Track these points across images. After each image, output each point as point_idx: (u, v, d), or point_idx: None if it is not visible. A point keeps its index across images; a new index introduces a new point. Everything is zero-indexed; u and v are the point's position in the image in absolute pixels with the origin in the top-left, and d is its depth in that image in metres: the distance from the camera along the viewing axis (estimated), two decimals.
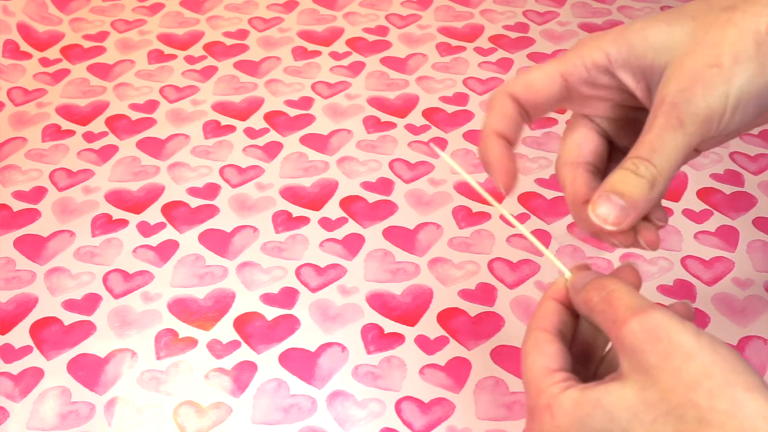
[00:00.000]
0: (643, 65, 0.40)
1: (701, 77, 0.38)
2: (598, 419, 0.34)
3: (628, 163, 0.39)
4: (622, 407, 0.33)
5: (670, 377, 0.33)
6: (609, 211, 0.39)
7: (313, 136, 0.72)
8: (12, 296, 0.59)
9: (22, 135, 0.73)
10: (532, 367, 0.37)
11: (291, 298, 0.58)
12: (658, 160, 0.38)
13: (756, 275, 0.59)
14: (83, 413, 0.52)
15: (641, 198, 0.38)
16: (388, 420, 0.51)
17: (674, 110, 0.38)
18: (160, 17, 0.87)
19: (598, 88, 0.42)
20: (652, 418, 0.32)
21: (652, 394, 0.33)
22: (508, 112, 0.43)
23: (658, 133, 0.38)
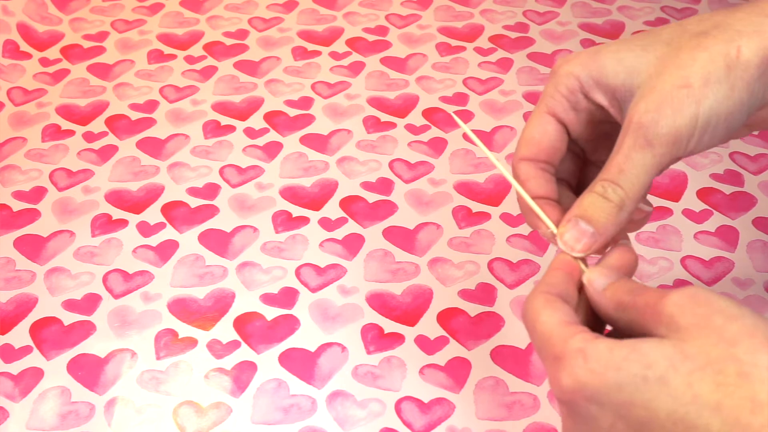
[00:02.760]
0: (614, 85, 0.41)
1: (670, 98, 0.38)
2: (635, 364, 0.32)
3: (597, 187, 0.39)
4: (660, 355, 0.32)
5: (711, 333, 0.32)
6: (577, 238, 0.39)
7: (313, 136, 0.72)
8: (12, 296, 0.59)
9: (22, 135, 0.73)
10: (549, 321, 0.36)
11: (291, 298, 0.58)
12: (626, 182, 0.39)
13: (756, 275, 0.59)
14: (83, 413, 0.52)
15: (609, 223, 0.39)
16: (388, 420, 0.51)
17: (642, 131, 0.38)
18: (159, 17, 0.87)
19: (580, 111, 0.42)
20: (689, 368, 0.32)
21: (691, 346, 0.32)
22: (532, 174, 0.43)
23: (626, 153, 0.39)
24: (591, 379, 0.33)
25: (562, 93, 0.42)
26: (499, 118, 0.73)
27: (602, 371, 0.33)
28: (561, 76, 0.42)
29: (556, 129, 0.42)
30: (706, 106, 0.38)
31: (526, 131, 0.43)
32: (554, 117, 0.42)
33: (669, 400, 0.32)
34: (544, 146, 0.42)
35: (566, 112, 0.42)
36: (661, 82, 0.39)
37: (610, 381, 0.33)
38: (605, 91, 0.41)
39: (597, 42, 0.81)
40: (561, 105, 0.42)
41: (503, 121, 0.72)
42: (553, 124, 0.42)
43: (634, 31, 0.83)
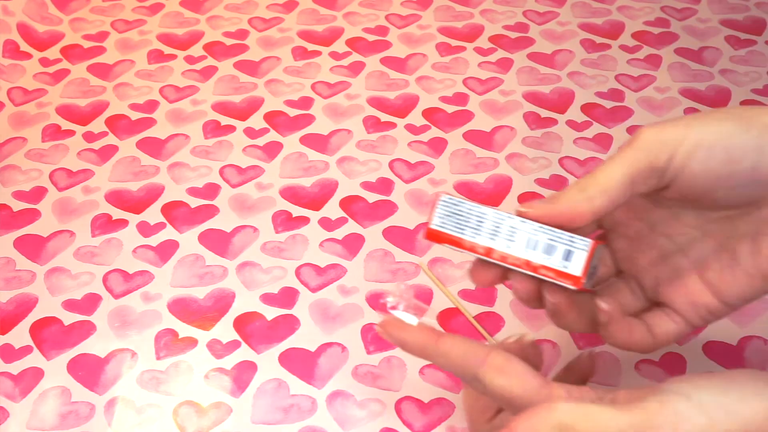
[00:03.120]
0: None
1: (673, 120, 0.39)
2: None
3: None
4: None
5: None
6: (531, 203, 0.40)
7: (313, 136, 0.72)
8: (12, 296, 0.59)
9: (22, 135, 0.73)
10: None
11: (291, 298, 0.58)
12: (598, 170, 0.39)
13: None
14: (83, 413, 0.52)
15: (565, 197, 0.39)
16: (388, 420, 0.51)
17: (633, 135, 0.39)
18: (160, 17, 0.87)
19: None
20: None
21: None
22: None
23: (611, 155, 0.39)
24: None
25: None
26: (499, 118, 0.73)
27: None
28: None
29: None
30: (704, 122, 0.38)
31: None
32: None
33: None
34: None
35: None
36: None
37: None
38: None
39: (597, 42, 0.81)
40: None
41: (503, 121, 0.72)
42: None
43: (633, 32, 0.83)
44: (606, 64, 0.78)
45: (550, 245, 0.39)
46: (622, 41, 0.82)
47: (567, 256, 0.39)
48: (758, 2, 0.87)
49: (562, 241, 0.39)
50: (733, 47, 0.80)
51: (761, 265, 0.39)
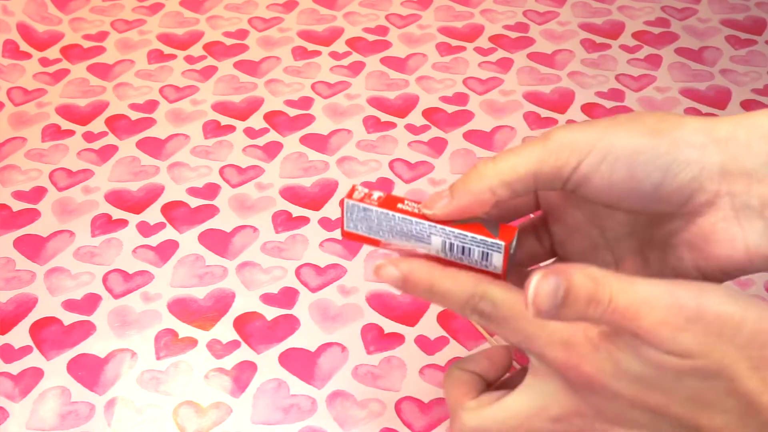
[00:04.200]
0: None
1: (589, 122, 0.38)
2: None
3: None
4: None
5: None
6: (431, 200, 0.40)
7: (313, 136, 0.72)
8: (12, 296, 0.59)
9: (22, 135, 0.73)
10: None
11: (291, 298, 0.58)
12: (502, 157, 0.38)
13: (757, 275, 0.59)
14: (83, 413, 0.52)
15: (464, 186, 0.38)
16: (388, 420, 0.51)
17: (548, 131, 0.38)
18: (159, 17, 0.87)
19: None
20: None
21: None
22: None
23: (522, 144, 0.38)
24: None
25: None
26: (500, 118, 0.73)
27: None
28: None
29: None
30: (616, 131, 0.37)
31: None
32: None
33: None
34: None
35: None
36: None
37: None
38: None
39: (597, 42, 0.81)
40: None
41: (503, 121, 0.72)
42: None
43: (633, 32, 0.83)
44: (606, 64, 0.78)
45: (466, 248, 0.39)
46: (622, 41, 0.82)
47: (484, 257, 0.39)
48: (758, 2, 0.87)
49: (476, 245, 0.39)
50: (733, 47, 0.80)
51: (664, 272, 0.39)
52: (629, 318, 0.32)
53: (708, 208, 0.36)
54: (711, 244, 0.37)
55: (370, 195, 0.41)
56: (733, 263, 0.37)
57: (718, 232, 0.36)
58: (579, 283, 0.33)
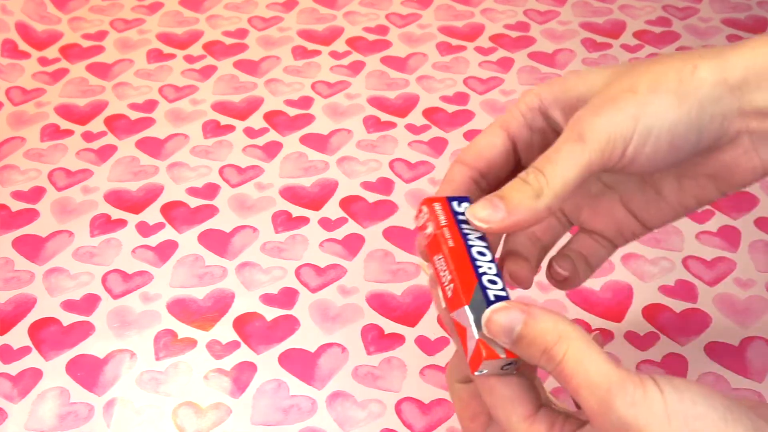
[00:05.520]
0: (572, 100, 0.40)
1: (613, 99, 0.38)
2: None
3: (522, 173, 0.38)
4: None
5: None
6: (483, 210, 0.38)
7: (312, 136, 0.71)
8: (11, 296, 0.59)
9: (21, 135, 0.73)
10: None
11: (291, 299, 0.58)
12: (550, 170, 0.37)
13: (758, 275, 0.58)
14: (82, 414, 0.52)
15: (522, 205, 0.37)
16: (388, 421, 0.51)
17: (577, 125, 0.38)
18: (159, 16, 0.87)
19: (535, 131, 0.42)
20: None
21: None
22: (456, 177, 0.42)
23: (557, 146, 0.38)
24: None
25: (521, 110, 0.42)
26: None
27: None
28: (526, 95, 0.42)
29: (504, 143, 0.42)
30: (648, 111, 0.37)
31: (475, 139, 0.42)
32: (506, 131, 0.42)
33: None
34: (484, 155, 0.42)
35: (519, 129, 0.42)
36: (610, 87, 0.39)
37: None
38: (564, 107, 0.41)
39: (598, 41, 0.81)
40: (516, 121, 0.42)
41: None
42: (501, 138, 0.42)
43: (635, 31, 0.83)
44: (607, 63, 0.78)
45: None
46: (623, 40, 0.81)
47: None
48: (760, 1, 0.86)
49: None
50: None
51: (684, 201, 0.42)
52: (571, 390, 0.34)
53: (729, 146, 0.39)
54: (733, 175, 0.40)
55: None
56: (751, 182, 0.40)
57: (740, 164, 0.39)
58: (542, 332, 0.34)
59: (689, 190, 0.42)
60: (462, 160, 0.42)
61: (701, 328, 0.55)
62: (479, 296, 0.37)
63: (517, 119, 0.42)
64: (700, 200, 0.42)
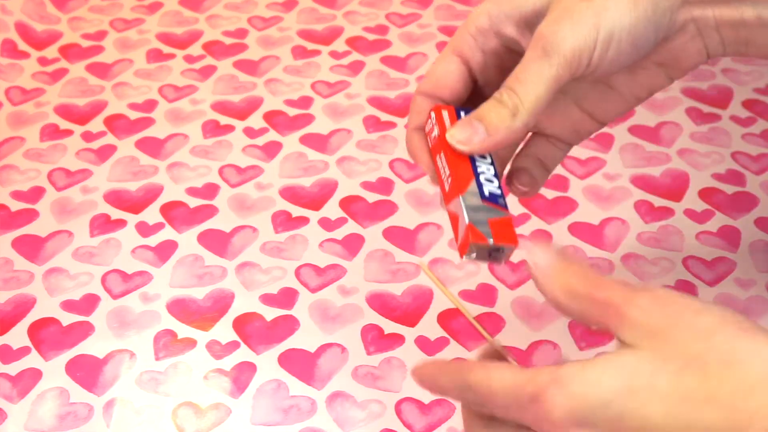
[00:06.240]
0: (526, 13, 0.42)
1: (571, 10, 0.39)
2: (616, 377, 0.32)
3: (495, 93, 0.40)
4: (641, 364, 0.32)
5: (684, 331, 0.32)
6: (464, 133, 0.40)
7: (312, 136, 0.71)
8: (10, 297, 0.59)
9: (20, 134, 0.73)
10: (504, 375, 0.35)
11: (290, 299, 0.58)
12: (521, 89, 0.39)
13: (758, 276, 0.58)
14: (82, 414, 0.51)
15: (501, 125, 0.39)
16: (388, 421, 0.51)
17: (540, 41, 0.39)
18: (158, 16, 0.87)
19: (488, 53, 0.43)
20: (674, 368, 0.31)
21: (669, 348, 0.31)
22: (422, 108, 0.43)
23: (524, 64, 0.39)
24: (574, 403, 0.32)
25: (471, 33, 0.43)
26: None
27: (583, 392, 0.32)
28: (472, 15, 0.43)
29: (459, 69, 0.43)
30: (607, 17, 0.39)
31: (431, 68, 0.44)
32: (459, 57, 0.43)
33: (661, 405, 0.31)
34: (442, 84, 0.43)
35: (472, 53, 0.43)
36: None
37: (593, 400, 0.32)
38: (517, 21, 0.42)
39: None
40: (468, 45, 0.43)
41: None
42: (456, 64, 0.43)
43: None
44: None
45: None
46: None
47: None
48: None
49: None
50: None
51: (634, 91, 0.44)
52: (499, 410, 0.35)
53: (678, 34, 0.42)
54: (681, 61, 0.43)
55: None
56: (697, 65, 0.44)
57: (687, 50, 0.43)
58: (448, 382, 0.37)
59: (640, 80, 0.44)
60: (423, 91, 0.43)
61: None
62: (473, 188, 0.39)
63: (468, 43, 0.43)
64: (650, 89, 0.44)
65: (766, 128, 0.71)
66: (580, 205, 0.64)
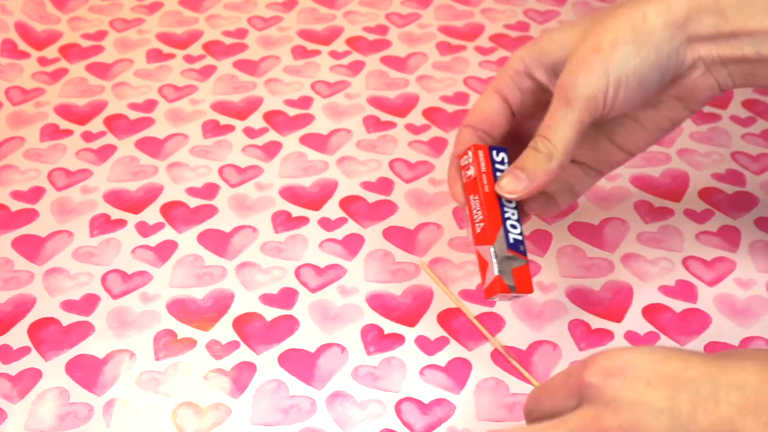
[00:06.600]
0: (551, 61, 0.48)
1: (584, 60, 0.45)
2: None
3: (531, 142, 0.47)
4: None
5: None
6: (509, 182, 0.47)
7: (312, 136, 0.71)
8: (10, 297, 0.59)
9: (20, 135, 0.73)
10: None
11: (290, 299, 0.58)
12: (553, 135, 0.46)
13: (758, 275, 0.58)
14: (82, 414, 0.51)
15: (539, 170, 0.46)
16: (388, 421, 0.51)
17: (562, 91, 0.46)
18: (158, 16, 0.87)
19: (525, 92, 0.50)
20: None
21: None
22: (466, 138, 0.51)
23: (552, 112, 0.46)
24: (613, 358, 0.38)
25: (509, 75, 0.50)
26: None
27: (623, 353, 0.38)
28: (511, 60, 0.50)
29: (500, 105, 0.50)
30: (614, 63, 0.45)
31: (475, 104, 0.51)
32: (499, 95, 0.50)
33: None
34: (485, 117, 0.50)
35: (511, 91, 0.50)
36: (580, 49, 0.46)
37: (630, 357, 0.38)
38: (546, 68, 0.48)
39: None
40: (507, 85, 0.50)
41: None
42: (497, 101, 0.50)
43: None
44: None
45: None
46: None
47: None
48: None
49: None
50: None
51: (658, 123, 0.50)
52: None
53: (688, 72, 0.47)
54: (696, 94, 0.48)
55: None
56: (712, 98, 0.49)
57: (699, 85, 0.48)
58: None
59: (662, 113, 0.49)
60: (468, 123, 0.50)
61: (701, 328, 0.55)
62: (501, 237, 0.47)
63: (507, 83, 0.50)
64: (672, 121, 0.50)
65: (766, 128, 0.71)
66: (580, 205, 0.64)
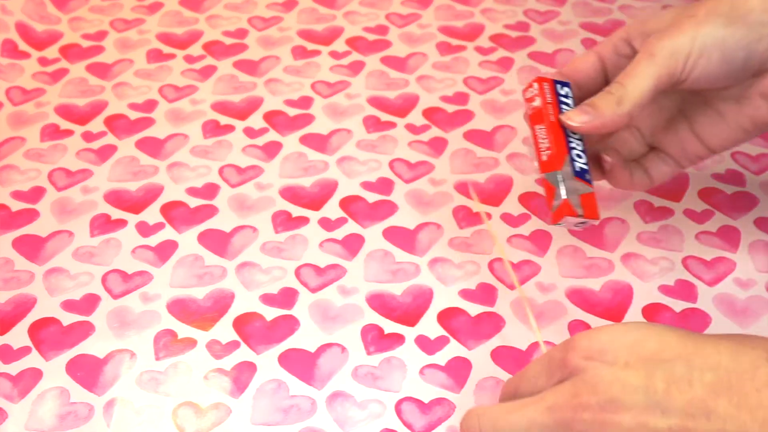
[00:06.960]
0: (649, 30, 0.50)
1: (677, 24, 0.48)
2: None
3: (606, 87, 0.49)
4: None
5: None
6: (575, 113, 0.49)
7: (312, 136, 0.71)
8: (10, 297, 0.59)
9: (21, 135, 0.73)
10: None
11: (290, 299, 0.58)
12: (629, 82, 0.48)
13: (758, 276, 0.58)
14: (82, 414, 0.52)
15: (608, 109, 0.48)
16: (388, 421, 0.51)
17: (648, 45, 0.48)
18: (159, 16, 0.87)
19: (621, 56, 0.52)
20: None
21: None
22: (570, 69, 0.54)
23: (634, 63, 0.49)
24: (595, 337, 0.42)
25: (612, 40, 0.53)
26: (500, 117, 0.73)
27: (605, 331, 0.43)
28: (618, 30, 0.53)
29: (595, 62, 0.53)
30: (703, 30, 0.47)
31: (572, 60, 0.54)
32: (598, 56, 0.53)
33: None
34: (579, 69, 0.53)
35: (608, 54, 0.53)
36: (677, 15, 0.49)
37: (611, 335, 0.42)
38: (643, 36, 0.51)
39: (598, 41, 0.81)
40: (606, 48, 0.53)
41: (504, 120, 0.72)
42: (594, 58, 0.53)
43: None
44: None
45: None
46: None
47: None
48: None
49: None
50: None
51: (740, 121, 0.51)
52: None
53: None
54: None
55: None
56: None
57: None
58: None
59: (746, 110, 0.50)
60: (561, 73, 0.53)
61: (701, 328, 0.55)
62: (568, 165, 0.49)
63: (608, 47, 0.53)
64: (755, 121, 0.50)
65: None
66: None
